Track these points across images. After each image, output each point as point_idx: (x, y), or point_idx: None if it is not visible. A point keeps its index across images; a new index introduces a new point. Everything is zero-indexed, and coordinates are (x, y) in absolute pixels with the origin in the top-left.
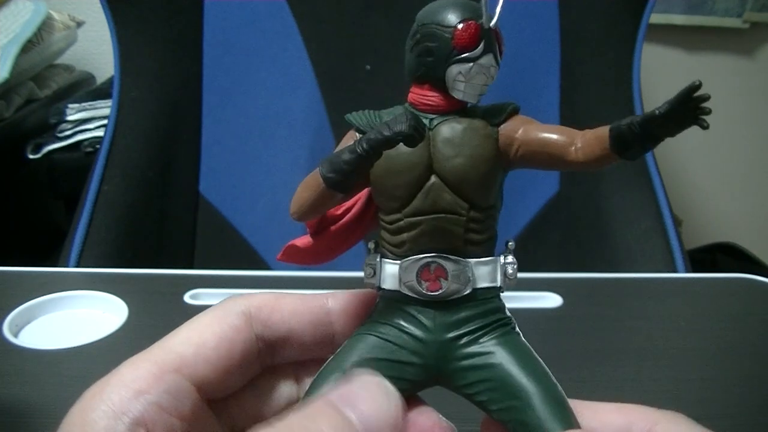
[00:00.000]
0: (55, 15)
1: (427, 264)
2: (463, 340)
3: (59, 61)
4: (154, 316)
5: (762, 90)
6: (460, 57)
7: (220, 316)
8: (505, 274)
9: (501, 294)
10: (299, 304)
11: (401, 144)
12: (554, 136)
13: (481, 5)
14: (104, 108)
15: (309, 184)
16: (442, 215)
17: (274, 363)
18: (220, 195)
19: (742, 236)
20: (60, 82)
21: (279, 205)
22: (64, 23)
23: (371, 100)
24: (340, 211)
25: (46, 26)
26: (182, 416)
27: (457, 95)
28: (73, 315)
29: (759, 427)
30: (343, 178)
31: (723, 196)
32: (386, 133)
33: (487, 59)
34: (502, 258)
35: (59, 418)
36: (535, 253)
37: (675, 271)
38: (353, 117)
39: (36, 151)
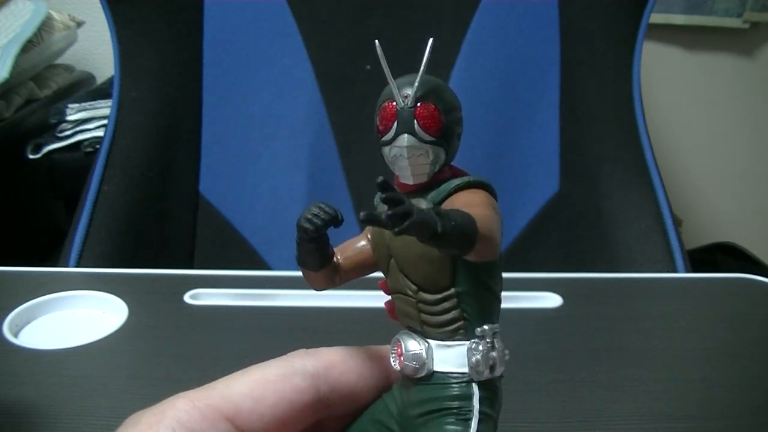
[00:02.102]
0: (55, 15)
1: (397, 339)
2: (419, 420)
3: (59, 61)
4: (154, 316)
5: (762, 90)
6: (381, 140)
7: (287, 374)
8: (476, 363)
9: (475, 378)
10: (368, 367)
11: None
12: None
13: (391, 85)
14: (104, 108)
15: None
16: (401, 295)
17: (327, 416)
18: (220, 195)
19: (742, 236)
20: (60, 82)
21: (279, 205)
22: (64, 23)
23: (371, 100)
24: None
25: (46, 26)
26: None
27: (399, 178)
28: (73, 315)
29: (759, 427)
30: (300, 260)
31: (723, 196)
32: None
33: (402, 140)
34: (469, 343)
35: (59, 418)
36: (535, 253)
37: (675, 271)
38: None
39: (36, 151)
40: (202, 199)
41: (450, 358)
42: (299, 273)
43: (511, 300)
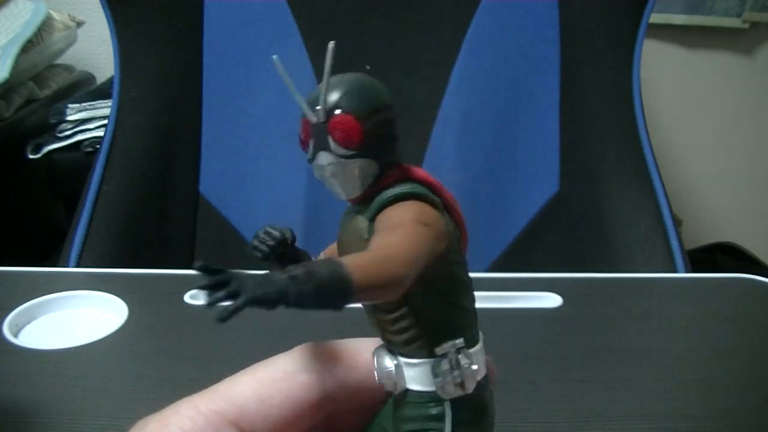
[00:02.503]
0: (55, 15)
1: (373, 355)
2: None
3: (59, 61)
4: (154, 316)
5: (762, 90)
6: (308, 160)
7: (292, 371)
8: (442, 384)
9: (444, 397)
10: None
11: None
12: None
13: (298, 100)
14: (104, 108)
15: None
16: (366, 312)
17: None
18: (220, 195)
19: (742, 236)
20: (60, 82)
21: (279, 205)
22: (64, 23)
23: None
24: None
25: (46, 26)
26: None
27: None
28: (73, 315)
29: (759, 427)
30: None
31: (723, 196)
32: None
33: (320, 159)
34: (433, 361)
35: (59, 418)
36: (535, 253)
37: (675, 271)
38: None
39: (36, 151)
40: (202, 199)
41: (418, 376)
42: None
43: (511, 300)
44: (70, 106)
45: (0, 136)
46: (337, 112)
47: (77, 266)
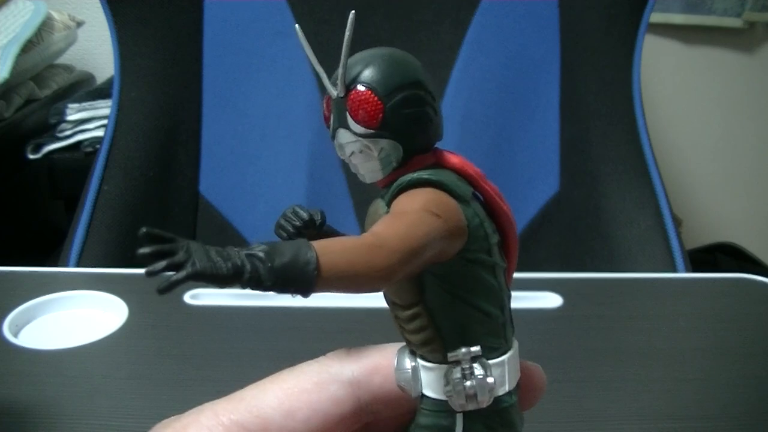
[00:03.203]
0: (55, 15)
1: (394, 355)
2: None
3: (59, 61)
4: (154, 316)
5: (761, 90)
6: (330, 136)
7: (322, 382)
8: (452, 394)
9: (456, 409)
10: None
11: None
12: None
13: (320, 74)
14: (104, 108)
15: None
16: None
17: (373, 420)
18: (220, 195)
19: (742, 236)
20: (60, 82)
21: (279, 205)
22: (64, 23)
23: None
24: None
25: (46, 26)
26: None
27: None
28: (73, 315)
29: (759, 427)
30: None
31: (723, 196)
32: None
33: (338, 136)
34: (446, 368)
35: (59, 418)
36: (535, 253)
37: (675, 271)
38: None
39: (36, 151)
40: (202, 199)
41: (432, 382)
42: None
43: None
44: (70, 106)
45: (0, 136)
46: (358, 87)
47: (77, 266)
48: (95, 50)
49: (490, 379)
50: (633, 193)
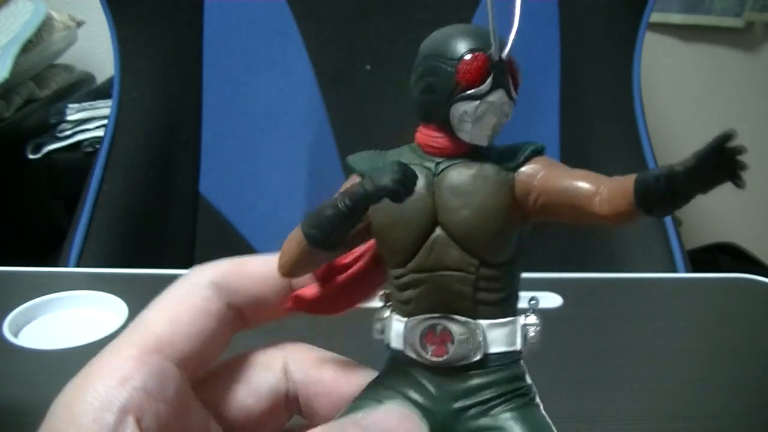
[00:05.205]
0: (55, 15)
1: (432, 326)
2: (472, 412)
3: (59, 61)
4: None
5: (761, 89)
6: (465, 94)
7: (189, 289)
8: (525, 337)
9: (521, 359)
10: (267, 269)
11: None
12: (578, 184)
13: (490, 33)
14: (104, 108)
15: (294, 238)
16: (448, 273)
17: (246, 328)
18: (220, 195)
19: (742, 236)
20: (60, 82)
21: (279, 205)
22: (64, 23)
23: (371, 100)
24: (348, 259)
25: (46, 26)
26: (167, 400)
27: (465, 137)
28: (73, 315)
29: (759, 427)
30: (325, 236)
31: (723, 196)
32: (368, 187)
33: (497, 96)
34: (522, 318)
35: None
36: (535, 253)
37: (675, 271)
38: (354, 160)
39: (36, 151)
40: (202, 199)
41: (501, 337)
42: None
43: None
44: (70, 106)
45: (0, 136)
46: (512, 58)
47: (77, 266)
48: (95, 50)
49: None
50: None
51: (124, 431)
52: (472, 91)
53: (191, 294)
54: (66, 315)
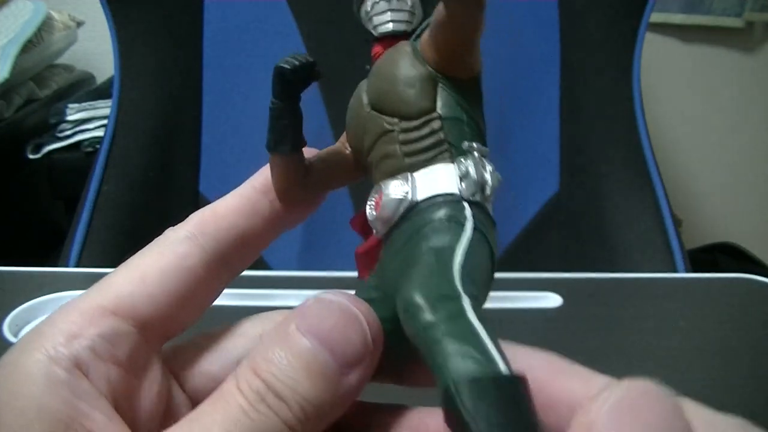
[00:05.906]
0: (55, 15)
1: (375, 189)
2: (399, 257)
3: (59, 61)
4: None
5: (761, 89)
6: None
7: (162, 247)
8: (466, 177)
9: (465, 196)
10: (240, 200)
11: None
12: (434, 17)
13: None
14: (104, 108)
15: (267, 163)
16: (380, 140)
17: (236, 275)
18: (220, 195)
19: (742, 236)
20: (60, 82)
21: None
22: (64, 23)
23: None
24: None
25: (46, 26)
26: (118, 362)
27: (374, 32)
28: None
29: (759, 427)
30: (278, 137)
31: (723, 196)
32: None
33: None
34: (455, 162)
35: None
36: (535, 253)
37: (675, 271)
38: None
39: (36, 151)
40: (202, 199)
41: (433, 181)
42: (299, 273)
43: (511, 300)
44: (70, 106)
45: (0, 136)
46: None
47: (77, 266)
48: (95, 50)
49: (498, 175)
50: (633, 193)
51: (79, 384)
52: None
53: (162, 252)
54: None
